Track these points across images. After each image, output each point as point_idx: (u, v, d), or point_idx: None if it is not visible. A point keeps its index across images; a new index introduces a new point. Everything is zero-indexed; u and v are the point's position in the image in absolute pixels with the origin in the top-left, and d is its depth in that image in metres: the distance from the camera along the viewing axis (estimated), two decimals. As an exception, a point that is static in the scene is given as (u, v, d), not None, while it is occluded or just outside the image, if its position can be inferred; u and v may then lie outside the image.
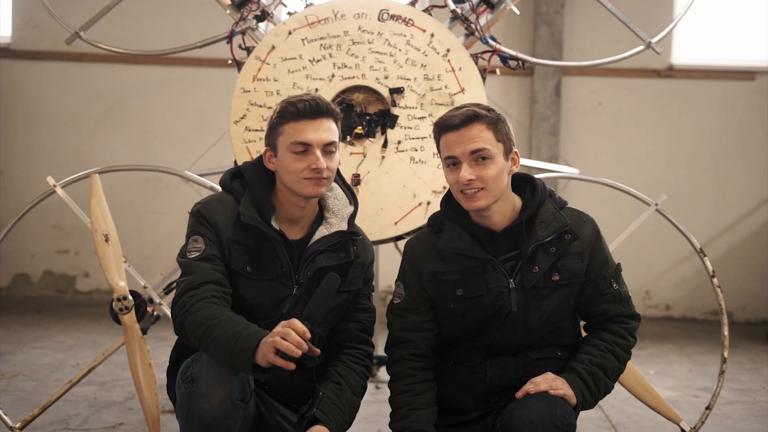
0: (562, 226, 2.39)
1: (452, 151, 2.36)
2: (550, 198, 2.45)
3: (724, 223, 6.60)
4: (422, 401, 2.44)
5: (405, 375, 2.48)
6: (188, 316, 2.27)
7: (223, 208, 2.41)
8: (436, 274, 2.44)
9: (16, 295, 6.63)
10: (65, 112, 6.65)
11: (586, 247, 2.42)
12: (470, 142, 2.33)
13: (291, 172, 2.38)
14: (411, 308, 2.49)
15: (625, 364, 2.46)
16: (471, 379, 2.45)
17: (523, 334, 2.42)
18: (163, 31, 6.33)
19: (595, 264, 2.43)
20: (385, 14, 3.31)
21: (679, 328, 6.31)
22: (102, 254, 3.07)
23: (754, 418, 3.98)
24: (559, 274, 2.39)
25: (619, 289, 2.46)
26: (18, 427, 3.11)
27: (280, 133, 2.40)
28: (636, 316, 2.50)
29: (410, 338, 2.49)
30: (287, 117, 2.38)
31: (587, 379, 2.36)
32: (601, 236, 2.47)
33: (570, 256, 2.40)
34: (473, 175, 2.32)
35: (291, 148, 2.37)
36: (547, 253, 2.38)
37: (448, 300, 2.43)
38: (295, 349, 2.11)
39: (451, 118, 2.36)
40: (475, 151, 2.33)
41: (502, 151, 2.36)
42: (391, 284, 6.70)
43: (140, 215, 6.51)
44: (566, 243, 2.39)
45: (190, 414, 2.20)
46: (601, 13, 3.65)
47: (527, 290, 2.38)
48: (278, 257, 2.41)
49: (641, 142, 6.59)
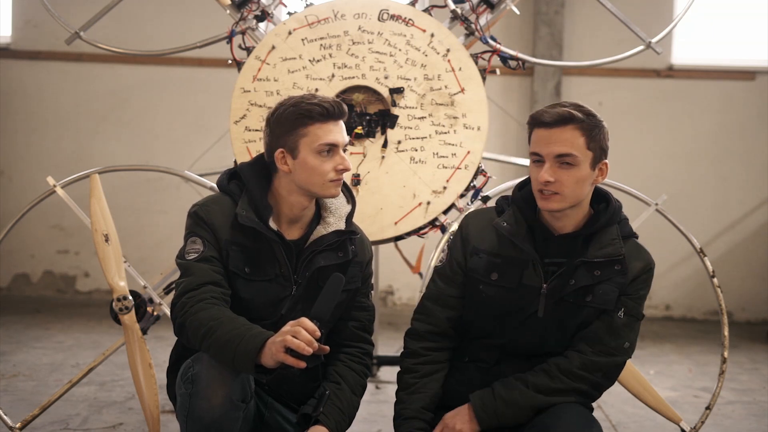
0: (615, 254, 2.34)
1: (539, 148, 2.32)
2: (619, 224, 2.40)
3: (724, 223, 6.60)
4: (423, 385, 2.43)
5: (415, 354, 2.46)
6: (188, 317, 2.27)
7: (220, 209, 2.41)
8: (481, 251, 2.42)
9: (16, 295, 6.62)
10: (65, 112, 6.64)
11: (629, 279, 2.37)
12: (558, 144, 2.29)
13: (318, 174, 2.36)
14: (446, 276, 2.48)
15: (586, 395, 2.37)
16: (484, 380, 2.43)
17: (540, 340, 2.40)
18: (163, 31, 6.32)
19: (627, 295, 2.38)
20: (385, 14, 3.31)
21: (679, 328, 6.31)
22: (102, 254, 3.07)
23: (754, 418, 3.98)
24: (593, 296, 2.36)
25: (622, 322, 2.37)
26: (18, 427, 3.12)
27: (303, 134, 2.36)
28: (616, 354, 2.38)
29: (431, 311, 2.47)
30: (314, 117, 2.35)
31: (499, 403, 2.34)
32: (649, 280, 2.41)
33: (610, 284, 2.35)
34: (552, 177, 2.28)
35: (318, 149, 2.35)
36: (590, 273, 2.34)
37: (479, 280, 2.41)
38: (307, 348, 2.11)
39: (546, 115, 2.31)
40: (561, 155, 2.29)
41: (590, 159, 2.31)
42: (391, 284, 6.72)
43: (140, 215, 6.51)
44: (612, 273, 2.35)
45: (191, 415, 2.20)
46: (601, 13, 3.65)
47: (557, 299, 2.36)
48: (276, 258, 2.40)
49: (641, 142, 6.58)
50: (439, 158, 3.28)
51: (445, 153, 3.27)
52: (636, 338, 2.43)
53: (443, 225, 3.28)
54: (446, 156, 3.27)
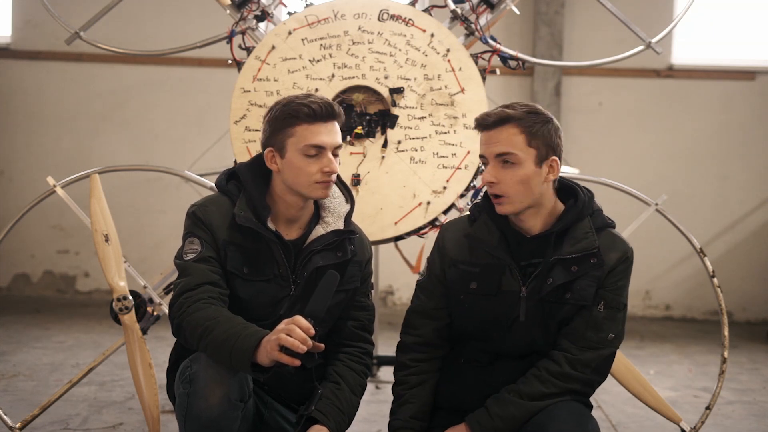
0: (589, 248, 2.33)
1: (482, 150, 2.35)
2: (592, 216, 2.38)
3: (724, 223, 6.60)
4: (411, 395, 2.44)
5: (404, 366, 2.48)
6: (186, 317, 2.27)
7: (218, 209, 2.40)
8: (458, 262, 2.42)
9: (16, 295, 6.62)
10: (65, 112, 6.64)
11: (606, 271, 2.34)
12: (497, 144, 2.30)
13: (304, 175, 2.35)
14: (427, 289, 2.48)
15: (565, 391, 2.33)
16: (478, 380, 2.43)
17: (529, 342, 2.40)
18: (163, 31, 6.33)
19: (603, 284, 2.35)
20: (385, 14, 3.31)
21: (679, 328, 6.31)
22: (102, 254, 3.07)
23: (754, 418, 3.98)
24: (572, 293, 2.34)
25: (603, 315, 2.34)
26: (18, 427, 3.12)
27: (290, 135, 2.36)
28: (602, 348, 2.35)
29: (416, 324, 2.48)
30: (300, 118, 2.34)
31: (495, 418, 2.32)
32: (628, 269, 2.38)
33: (587, 278, 2.34)
34: (494, 177, 2.30)
35: (304, 151, 2.35)
36: (566, 270, 2.33)
37: (460, 291, 2.41)
38: (300, 345, 2.11)
39: (486, 118, 2.33)
40: (501, 154, 2.30)
41: (533, 157, 2.30)
42: (390, 284, 6.72)
43: (140, 215, 6.51)
44: (589, 266, 2.33)
45: (189, 414, 2.20)
46: (601, 13, 3.65)
47: (536, 300, 2.35)
48: (275, 258, 2.40)
49: (641, 142, 6.59)
50: (439, 158, 3.28)
51: (445, 153, 3.28)
52: (622, 328, 2.39)
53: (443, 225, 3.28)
54: (446, 156, 3.27)
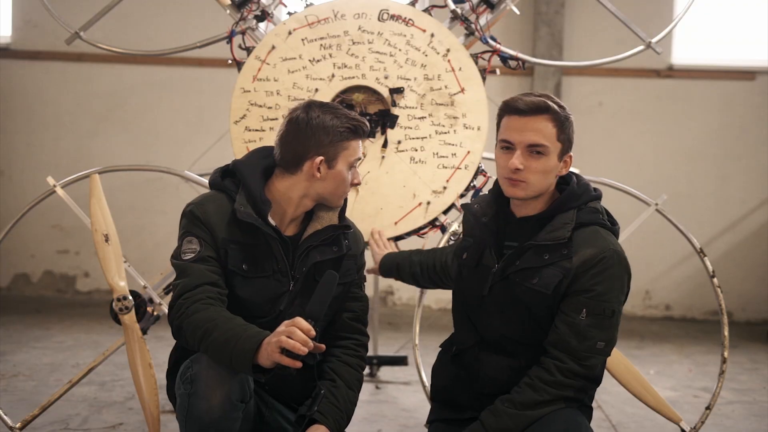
0: (560, 238, 2.30)
1: (510, 135, 2.32)
2: (580, 210, 2.36)
3: (724, 223, 6.60)
4: None
5: None
6: (185, 319, 2.27)
7: (216, 207, 2.40)
8: (465, 233, 2.55)
9: (16, 295, 6.62)
10: (65, 112, 6.65)
11: (578, 268, 2.27)
12: (532, 133, 2.29)
13: (344, 185, 2.46)
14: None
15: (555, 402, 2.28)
16: (464, 374, 2.44)
17: (503, 323, 2.37)
18: (163, 31, 6.33)
19: (581, 287, 2.27)
20: (385, 14, 3.31)
21: (679, 328, 6.31)
22: (102, 254, 3.06)
23: (754, 418, 3.98)
24: (539, 279, 2.31)
25: (586, 323, 2.26)
26: (18, 427, 3.11)
27: (345, 147, 2.42)
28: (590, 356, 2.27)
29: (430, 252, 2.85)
30: (358, 134, 2.44)
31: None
32: (607, 272, 2.27)
33: (555, 267, 2.30)
34: (523, 165, 2.29)
35: (352, 164, 2.45)
36: (538, 256, 2.32)
37: (457, 258, 2.54)
38: (302, 347, 2.10)
39: (520, 102, 2.32)
40: (533, 145, 2.30)
41: (558, 151, 2.32)
42: (391, 284, 6.71)
43: (140, 215, 6.51)
44: (559, 256, 2.30)
45: (190, 415, 2.20)
46: (601, 13, 3.65)
47: (502, 279, 2.36)
48: (274, 254, 2.40)
49: (641, 142, 6.59)
50: (439, 158, 3.28)
51: (445, 153, 3.28)
52: (613, 334, 2.32)
53: (443, 225, 3.29)
54: (446, 156, 3.28)
